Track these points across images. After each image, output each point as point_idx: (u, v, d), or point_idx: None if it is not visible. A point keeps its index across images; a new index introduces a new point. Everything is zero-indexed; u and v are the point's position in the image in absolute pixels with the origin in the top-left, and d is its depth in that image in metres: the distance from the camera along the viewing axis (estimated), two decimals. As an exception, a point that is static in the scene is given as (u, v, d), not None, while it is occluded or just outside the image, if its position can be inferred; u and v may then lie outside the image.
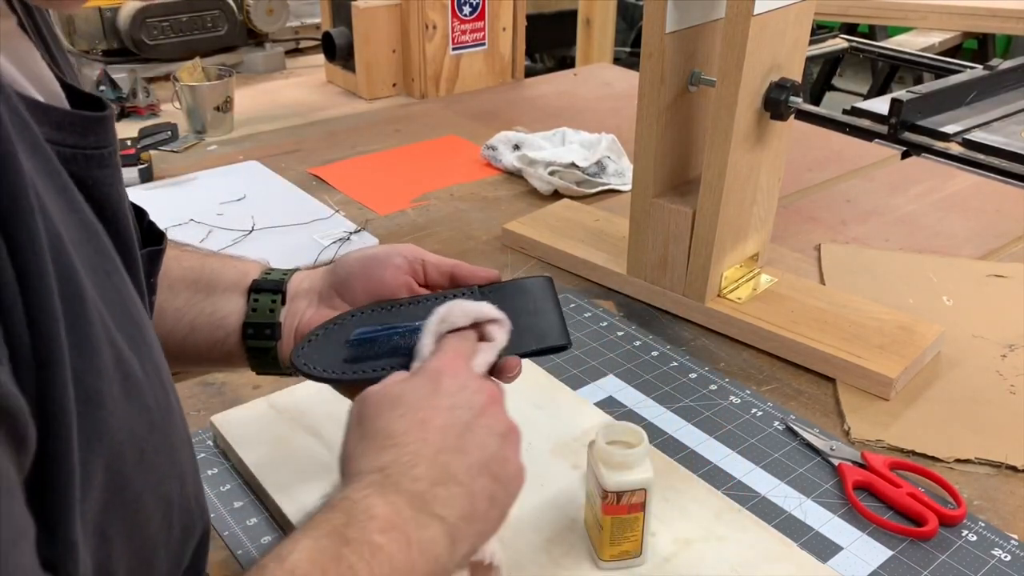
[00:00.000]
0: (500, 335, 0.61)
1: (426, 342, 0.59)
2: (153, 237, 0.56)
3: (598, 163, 1.32)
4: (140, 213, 0.55)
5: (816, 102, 2.55)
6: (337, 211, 1.24)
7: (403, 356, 0.62)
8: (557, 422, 0.80)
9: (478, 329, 0.61)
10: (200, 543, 0.50)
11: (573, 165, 1.29)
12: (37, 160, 0.37)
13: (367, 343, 0.63)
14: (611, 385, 0.88)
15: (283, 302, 0.68)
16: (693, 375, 0.89)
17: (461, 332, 0.60)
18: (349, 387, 0.65)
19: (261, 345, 0.67)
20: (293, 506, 0.70)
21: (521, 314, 0.64)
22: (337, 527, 0.44)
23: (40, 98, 0.41)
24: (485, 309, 0.61)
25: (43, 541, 0.33)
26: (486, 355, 0.59)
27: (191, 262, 0.68)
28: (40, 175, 0.36)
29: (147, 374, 0.41)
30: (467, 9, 1.71)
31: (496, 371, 0.63)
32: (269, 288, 0.68)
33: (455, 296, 0.65)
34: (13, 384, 0.31)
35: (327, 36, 1.74)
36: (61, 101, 0.43)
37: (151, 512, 0.41)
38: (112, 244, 0.43)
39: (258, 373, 0.69)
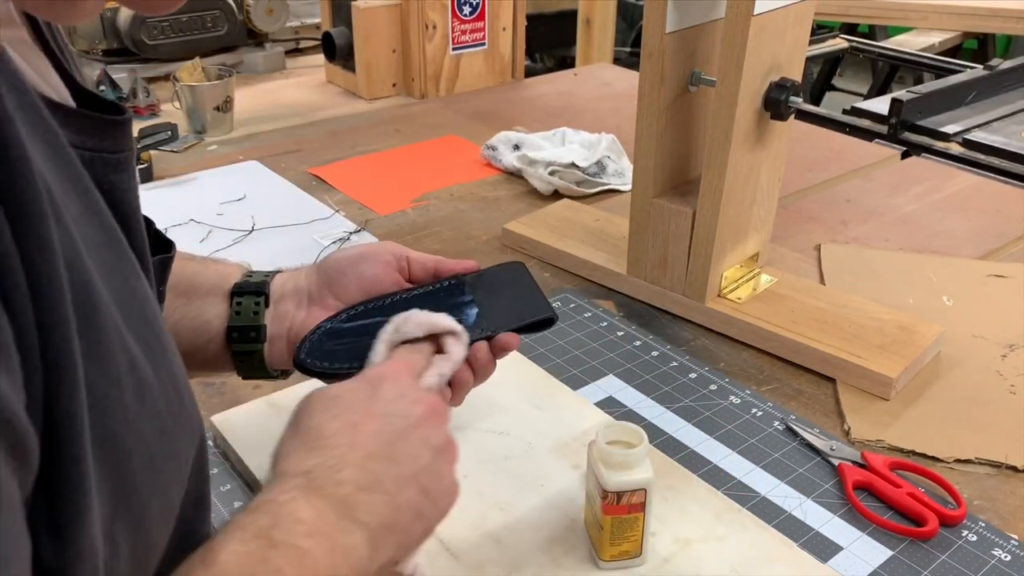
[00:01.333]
0: (456, 348, 0.60)
1: (379, 349, 0.59)
2: (160, 245, 0.56)
3: (598, 163, 1.32)
4: (147, 221, 0.55)
5: (816, 102, 2.55)
6: (337, 211, 1.24)
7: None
8: (557, 422, 0.80)
9: (435, 341, 0.60)
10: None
11: (573, 165, 1.29)
12: (59, 163, 0.37)
13: (362, 334, 0.64)
14: (611, 385, 0.88)
15: (266, 304, 0.68)
16: (693, 375, 0.89)
17: (416, 344, 0.60)
18: None
19: (247, 349, 0.66)
20: (293, 506, 0.70)
21: (505, 295, 0.68)
22: (264, 529, 0.43)
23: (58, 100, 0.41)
24: (443, 321, 0.61)
25: (51, 548, 0.33)
26: (439, 368, 0.59)
27: None
28: (61, 178, 0.37)
29: (160, 379, 0.41)
30: (467, 9, 1.71)
31: (494, 348, 0.64)
32: (251, 291, 0.67)
33: (439, 288, 0.68)
34: (16, 395, 0.31)
35: (327, 36, 1.74)
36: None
37: (156, 519, 0.41)
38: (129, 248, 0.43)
39: (244, 377, 0.69)
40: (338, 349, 0.64)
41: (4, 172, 0.31)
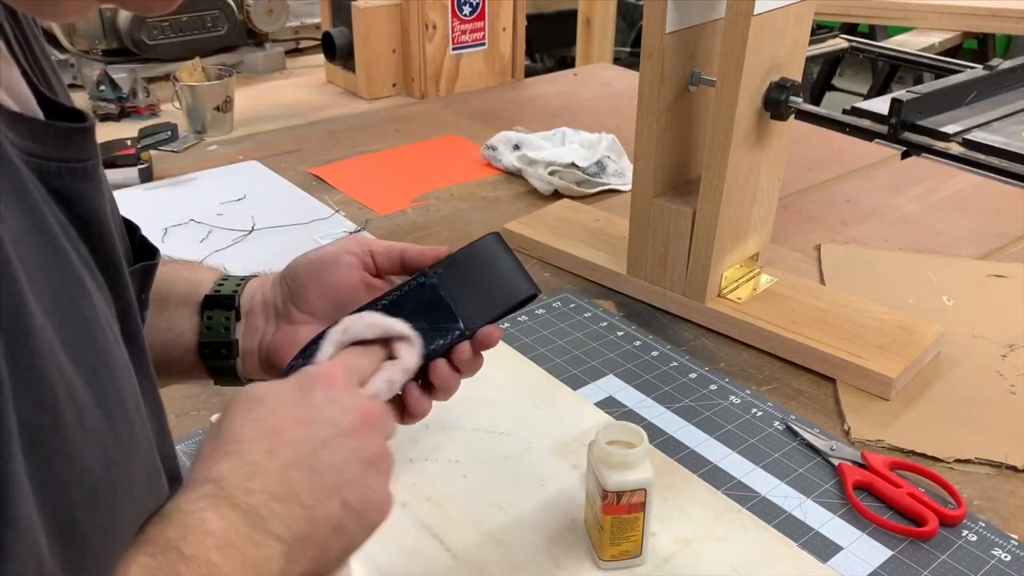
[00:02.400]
0: (408, 355, 0.57)
1: (326, 350, 0.55)
2: (145, 252, 0.55)
3: (598, 163, 1.32)
4: (132, 228, 0.54)
5: (816, 102, 2.55)
6: (337, 211, 1.24)
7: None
8: (557, 422, 0.80)
9: (387, 346, 0.57)
10: None
11: (573, 165, 1.29)
12: (1, 178, 0.35)
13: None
14: (611, 385, 0.88)
15: (238, 317, 0.66)
16: (693, 375, 0.89)
17: (366, 347, 0.56)
18: None
19: (219, 364, 0.66)
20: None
21: (483, 278, 0.62)
22: (172, 540, 0.41)
23: (19, 110, 0.40)
24: (395, 326, 0.57)
25: None
26: (389, 374, 0.55)
27: None
28: (4, 195, 0.35)
29: (105, 407, 0.39)
30: (467, 9, 1.71)
31: (476, 343, 0.60)
32: (222, 304, 0.65)
33: (408, 292, 0.62)
34: None
35: (327, 36, 1.74)
36: (38, 117, 0.42)
37: (99, 554, 0.39)
38: (93, 261, 0.41)
39: (219, 385, 0.68)
40: None
41: None
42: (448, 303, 0.61)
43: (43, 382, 0.35)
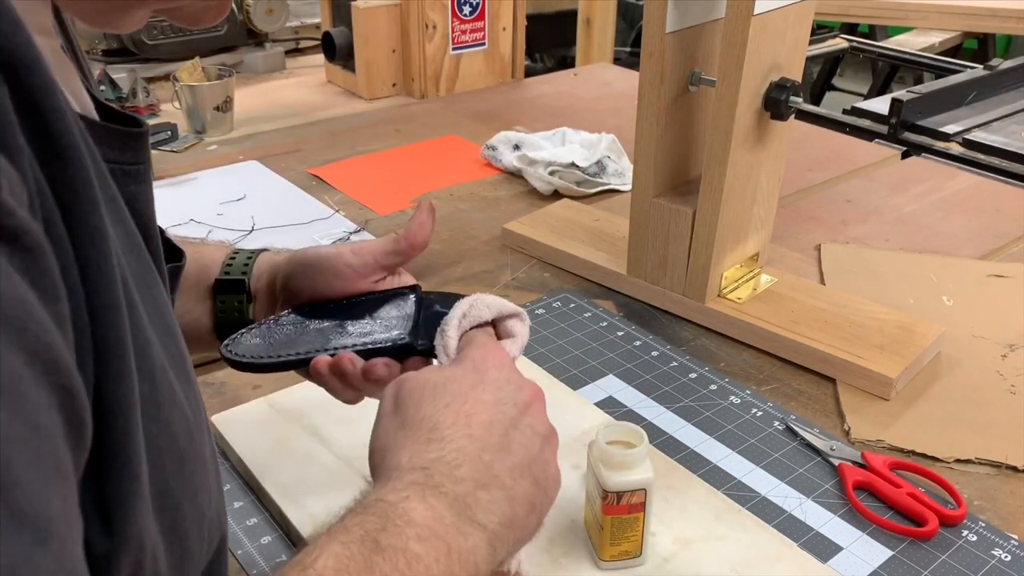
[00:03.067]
0: (523, 330, 0.60)
1: (451, 335, 0.57)
2: (171, 253, 0.56)
3: (598, 163, 1.32)
4: (159, 231, 0.55)
5: (816, 102, 2.55)
6: (337, 211, 1.24)
7: (330, 343, 0.62)
8: (557, 422, 0.80)
9: (497, 326, 0.60)
10: (220, 555, 0.49)
11: (573, 165, 1.29)
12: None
13: (297, 332, 0.64)
14: (611, 385, 0.88)
15: (249, 299, 0.68)
16: (693, 375, 0.89)
17: (484, 328, 0.58)
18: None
19: None
20: (293, 506, 0.70)
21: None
22: (370, 532, 0.42)
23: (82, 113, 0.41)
24: (508, 304, 0.60)
25: (100, 534, 0.33)
26: (512, 351, 0.58)
27: None
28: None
29: (182, 385, 0.41)
30: (467, 9, 1.71)
31: (403, 367, 0.61)
32: (232, 289, 0.68)
33: (388, 298, 0.65)
34: (72, 360, 0.30)
35: (327, 36, 1.74)
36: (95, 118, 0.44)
37: (190, 523, 0.41)
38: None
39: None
40: (266, 342, 0.64)
41: (57, 159, 0.32)
42: (414, 316, 0.63)
43: (146, 353, 0.37)
